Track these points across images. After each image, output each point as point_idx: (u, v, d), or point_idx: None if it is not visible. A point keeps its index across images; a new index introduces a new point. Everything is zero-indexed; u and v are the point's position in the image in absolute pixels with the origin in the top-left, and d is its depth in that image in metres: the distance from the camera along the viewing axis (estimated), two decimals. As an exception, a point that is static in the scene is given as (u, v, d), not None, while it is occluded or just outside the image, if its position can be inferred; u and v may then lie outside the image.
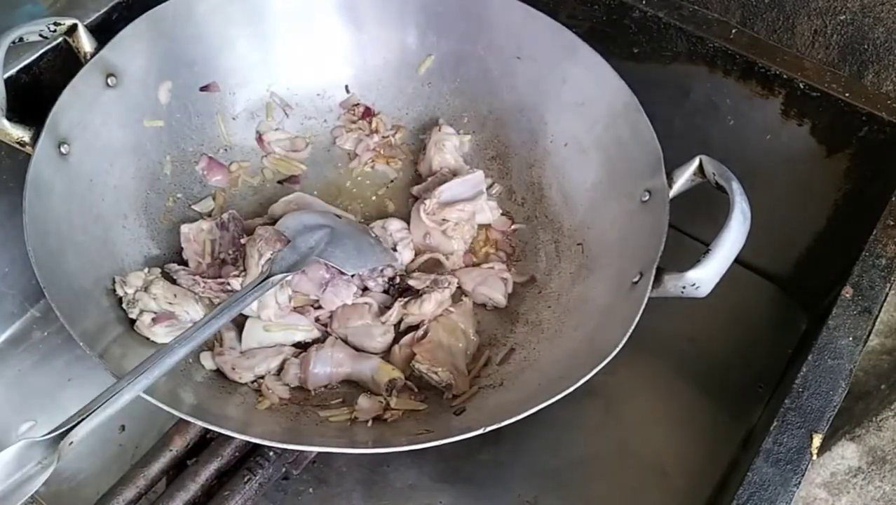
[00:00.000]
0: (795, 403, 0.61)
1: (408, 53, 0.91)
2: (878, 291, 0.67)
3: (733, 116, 0.83)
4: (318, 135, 0.92)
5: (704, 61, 0.82)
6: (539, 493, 0.76)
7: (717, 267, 0.62)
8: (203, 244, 0.79)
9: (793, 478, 0.58)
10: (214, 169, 0.87)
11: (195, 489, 0.66)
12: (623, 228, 0.74)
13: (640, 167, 0.73)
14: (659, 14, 0.82)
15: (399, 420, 0.71)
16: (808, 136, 0.80)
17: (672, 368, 0.85)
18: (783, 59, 0.78)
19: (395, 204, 0.89)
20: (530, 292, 0.82)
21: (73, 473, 0.76)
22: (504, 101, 0.88)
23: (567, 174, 0.83)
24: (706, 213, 0.72)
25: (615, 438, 0.80)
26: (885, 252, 0.69)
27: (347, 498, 0.75)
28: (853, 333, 0.64)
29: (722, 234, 0.62)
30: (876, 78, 0.87)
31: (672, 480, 0.78)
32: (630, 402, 0.83)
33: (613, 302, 0.70)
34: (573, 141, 0.83)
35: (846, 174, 0.80)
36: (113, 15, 0.81)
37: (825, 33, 0.87)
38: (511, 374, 0.74)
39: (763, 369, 0.84)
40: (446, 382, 0.72)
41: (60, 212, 0.69)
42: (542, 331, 0.77)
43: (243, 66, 0.87)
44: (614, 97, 0.77)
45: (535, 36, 0.83)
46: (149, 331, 0.71)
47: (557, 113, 0.84)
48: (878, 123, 0.75)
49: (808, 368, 0.62)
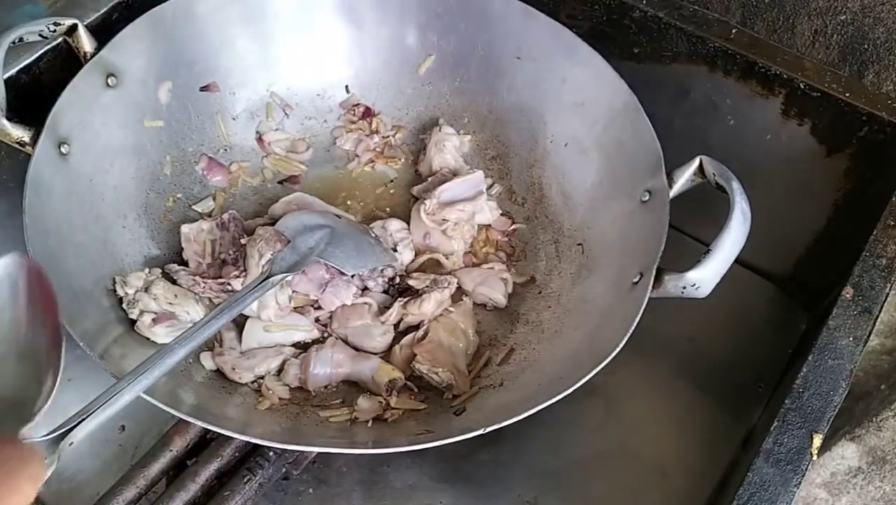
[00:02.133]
0: (796, 404, 0.61)
1: (408, 53, 0.91)
2: (878, 291, 0.67)
3: (733, 116, 0.83)
4: (318, 135, 0.92)
5: (705, 61, 0.81)
6: (539, 493, 0.76)
7: (718, 267, 0.62)
8: (203, 244, 0.79)
9: (793, 478, 0.58)
10: (214, 169, 0.87)
11: (195, 489, 0.66)
12: (623, 229, 0.74)
13: (640, 167, 0.73)
14: (659, 14, 0.81)
15: (399, 420, 0.71)
16: (809, 136, 0.80)
17: (672, 369, 0.85)
18: (783, 59, 0.78)
19: (395, 204, 0.89)
20: (530, 292, 0.82)
21: (73, 474, 0.76)
22: (504, 101, 0.88)
23: (567, 174, 0.83)
24: (706, 214, 0.72)
25: (615, 439, 0.80)
26: (886, 252, 0.69)
27: (347, 498, 0.75)
28: (853, 334, 0.64)
29: (722, 235, 0.62)
30: (876, 78, 0.87)
31: (672, 480, 0.78)
32: (630, 402, 0.83)
33: (614, 302, 0.70)
34: (573, 141, 0.83)
35: (846, 174, 0.80)
36: (113, 15, 0.81)
37: (825, 33, 0.87)
38: (511, 374, 0.74)
39: (763, 369, 0.84)
40: (447, 383, 0.72)
41: (60, 212, 0.69)
42: (542, 331, 0.77)
43: (243, 66, 0.87)
44: (614, 97, 0.77)
45: (535, 36, 0.83)
46: (149, 331, 0.71)
47: (557, 113, 0.84)
48: (879, 123, 0.75)
49: (809, 369, 0.62)
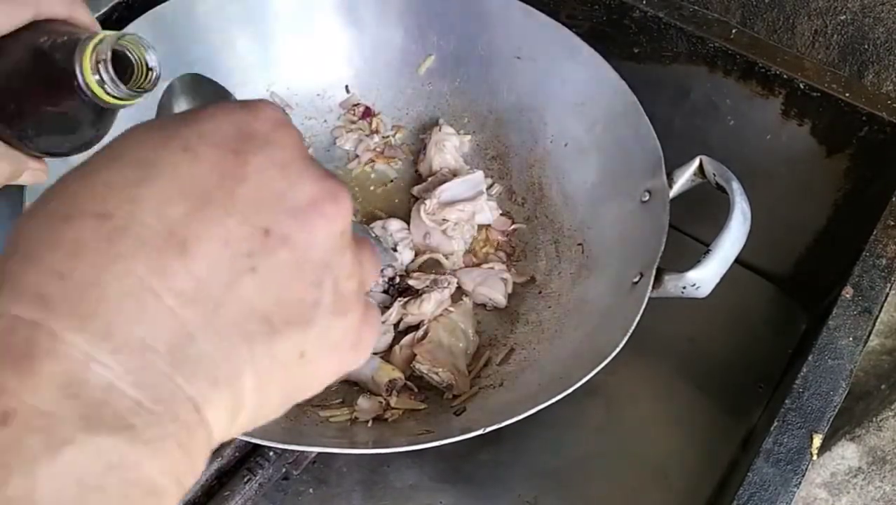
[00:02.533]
0: (796, 404, 0.61)
1: (408, 53, 0.91)
2: (878, 291, 0.67)
3: (733, 116, 0.83)
4: (318, 135, 0.92)
5: (705, 61, 0.81)
6: (539, 493, 0.76)
7: (718, 267, 0.62)
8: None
9: (793, 478, 0.58)
10: (214, 169, 0.86)
11: (195, 489, 0.66)
12: (623, 229, 0.74)
13: (640, 167, 0.73)
14: (659, 14, 0.81)
15: (399, 420, 0.71)
16: (809, 136, 0.80)
17: (672, 369, 0.85)
18: (783, 59, 0.78)
19: (395, 204, 0.89)
20: (530, 292, 0.82)
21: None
22: (504, 101, 0.88)
23: (567, 174, 0.83)
24: (706, 214, 0.72)
25: (615, 439, 0.80)
26: (886, 252, 0.69)
27: (347, 498, 0.75)
28: (853, 334, 0.64)
29: (722, 235, 0.62)
30: (876, 78, 0.87)
31: (672, 481, 0.78)
32: (630, 402, 0.83)
33: (614, 302, 0.70)
34: (573, 141, 0.83)
35: (846, 174, 0.80)
36: (113, 15, 0.81)
37: (825, 33, 0.87)
38: (511, 374, 0.74)
39: (763, 369, 0.84)
40: (447, 383, 0.72)
41: (60, 212, 0.69)
42: (542, 331, 0.77)
43: (243, 66, 0.87)
44: (614, 97, 0.77)
45: (536, 36, 0.83)
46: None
47: (557, 113, 0.84)
48: (879, 123, 0.75)
49: (809, 369, 0.62)
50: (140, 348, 0.24)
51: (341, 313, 0.29)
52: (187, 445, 0.25)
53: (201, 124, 0.27)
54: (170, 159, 0.26)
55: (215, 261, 0.26)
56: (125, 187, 0.25)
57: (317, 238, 0.28)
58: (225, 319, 0.26)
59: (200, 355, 0.25)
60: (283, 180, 0.28)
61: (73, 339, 0.24)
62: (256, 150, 0.27)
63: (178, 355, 0.25)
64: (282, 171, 0.28)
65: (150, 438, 0.24)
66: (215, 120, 0.28)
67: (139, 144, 0.27)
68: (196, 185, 0.26)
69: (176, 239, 0.25)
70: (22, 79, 0.47)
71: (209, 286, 0.25)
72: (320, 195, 0.28)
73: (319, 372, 0.30)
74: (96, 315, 0.24)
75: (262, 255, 0.26)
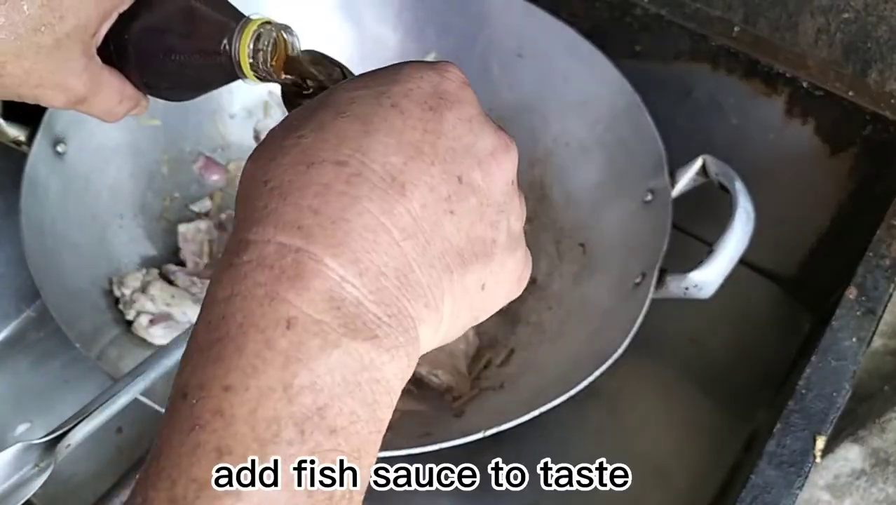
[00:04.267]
0: (799, 405, 0.60)
1: (407, 51, 0.90)
2: (882, 291, 0.66)
3: (736, 115, 0.83)
4: (318, 134, 0.92)
5: (707, 60, 0.81)
6: (540, 496, 0.76)
7: (721, 268, 0.62)
8: (201, 244, 0.78)
9: (796, 480, 0.57)
10: (212, 169, 0.86)
11: (193, 492, 0.66)
12: (625, 229, 0.74)
13: (642, 167, 0.73)
14: (661, 12, 0.81)
15: (398, 422, 0.70)
16: (812, 135, 0.79)
17: (674, 370, 0.85)
18: (786, 57, 0.78)
19: (395, 203, 0.88)
20: (531, 293, 0.81)
21: (69, 476, 0.75)
22: (505, 99, 0.88)
23: (569, 174, 0.83)
24: (709, 213, 0.71)
25: (617, 440, 0.80)
26: (890, 252, 0.68)
27: (347, 500, 0.75)
28: (857, 334, 0.64)
29: (725, 235, 0.62)
30: (879, 76, 0.87)
31: (674, 482, 0.78)
32: (632, 403, 0.82)
33: (616, 303, 0.69)
34: (575, 140, 0.82)
35: (850, 173, 0.79)
36: (110, 13, 0.81)
37: (828, 31, 0.87)
38: (512, 375, 0.74)
39: (766, 371, 0.83)
40: (447, 385, 0.72)
41: (56, 212, 0.69)
42: (543, 332, 0.77)
43: (242, 64, 0.87)
44: (616, 96, 0.77)
45: (536, 34, 0.82)
46: (146, 332, 0.70)
47: (559, 112, 0.83)
48: (883, 122, 0.74)
49: (812, 370, 0.62)
50: (377, 274, 0.29)
51: (512, 250, 0.34)
52: (411, 355, 0.30)
53: (404, 84, 0.33)
54: (384, 115, 0.31)
55: (425, 203, 0.31)
56: (354, 139, 0.30)
57: (496, 184, 0.33)
58: (433, 253, 0.31)
59: (418, 282, 0.30)
60: (470, 134, 0.33)
61: (331, 263, 0.28)
62: (450, 107, 0.33)
63: (402, 280, 0.30)
64: (469, 126, 0.33)
65: (389, 347, 0.29)
66: (413, 79, 0.33)
67: (356, 101, 0.32)
68: (407, 138, 0.31)
69: (397, 183, 0.30)
70: (173, 37, 0.47)
71: (422, 224, 0.31)
72: (498, 146, 0.34)
73: (494, 300, 0.35)
74: (346, 244, 0.29)
75: (457, 199, 0.32)
